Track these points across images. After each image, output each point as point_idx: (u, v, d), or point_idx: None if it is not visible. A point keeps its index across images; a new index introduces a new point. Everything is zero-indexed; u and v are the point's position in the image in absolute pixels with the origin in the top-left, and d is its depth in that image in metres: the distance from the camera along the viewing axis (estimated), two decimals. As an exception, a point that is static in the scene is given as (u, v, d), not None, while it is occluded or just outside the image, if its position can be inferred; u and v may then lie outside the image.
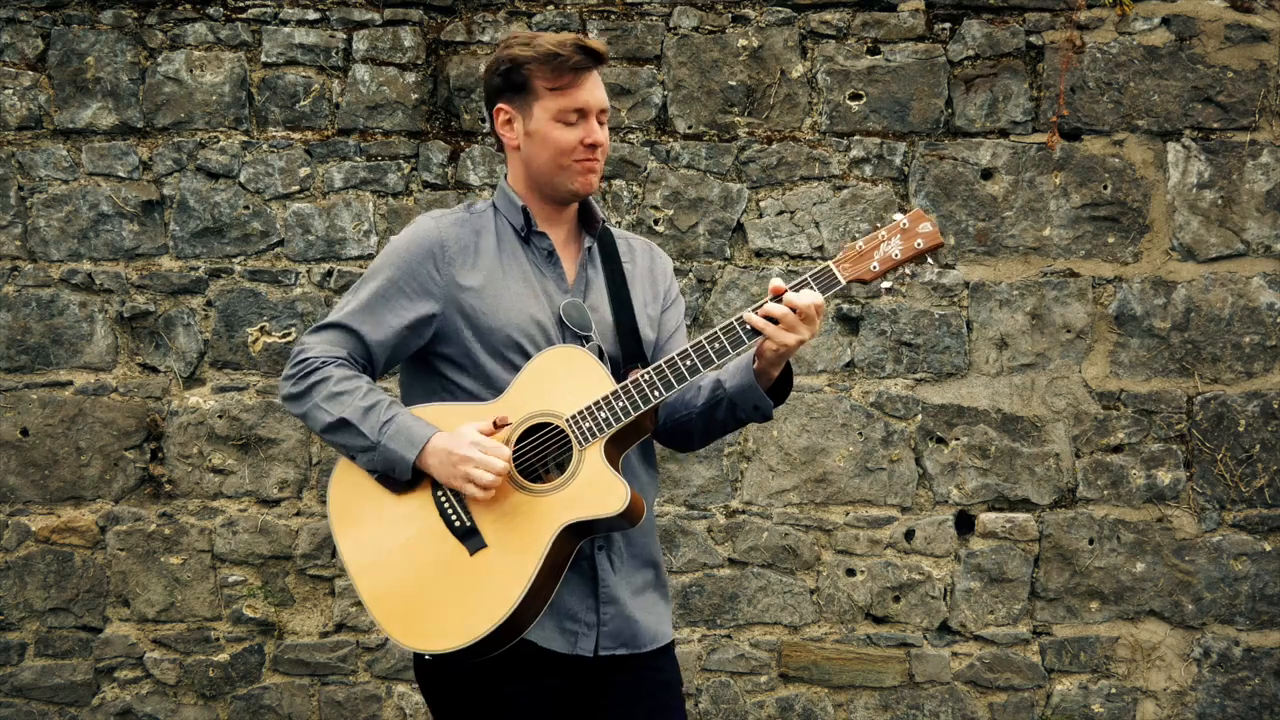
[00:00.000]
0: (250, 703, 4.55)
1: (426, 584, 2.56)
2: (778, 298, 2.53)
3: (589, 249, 2.74)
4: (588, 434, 2.55)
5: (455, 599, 2.54)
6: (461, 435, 2.53)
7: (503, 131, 2.68)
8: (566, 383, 2.57)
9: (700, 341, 2.56)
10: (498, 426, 2.55)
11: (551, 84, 2.60)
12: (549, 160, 2.63)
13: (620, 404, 2.55)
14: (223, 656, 4.55)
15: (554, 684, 2.64)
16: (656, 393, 2.55)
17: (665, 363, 2.56)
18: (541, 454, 2.58)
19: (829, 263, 2.57)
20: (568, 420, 2.56)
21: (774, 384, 2.65)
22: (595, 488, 2.54)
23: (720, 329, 2.55)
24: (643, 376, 2.56)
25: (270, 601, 4.54)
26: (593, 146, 2.63)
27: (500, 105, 2.66)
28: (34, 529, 4.52)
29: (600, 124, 2.65)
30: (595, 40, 2.64)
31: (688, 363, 2.55)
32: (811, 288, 2.54)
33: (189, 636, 4.55)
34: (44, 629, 4.54)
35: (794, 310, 2.50)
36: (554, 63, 2.59)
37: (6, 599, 4.53)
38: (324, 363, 2.61)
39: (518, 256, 2.68)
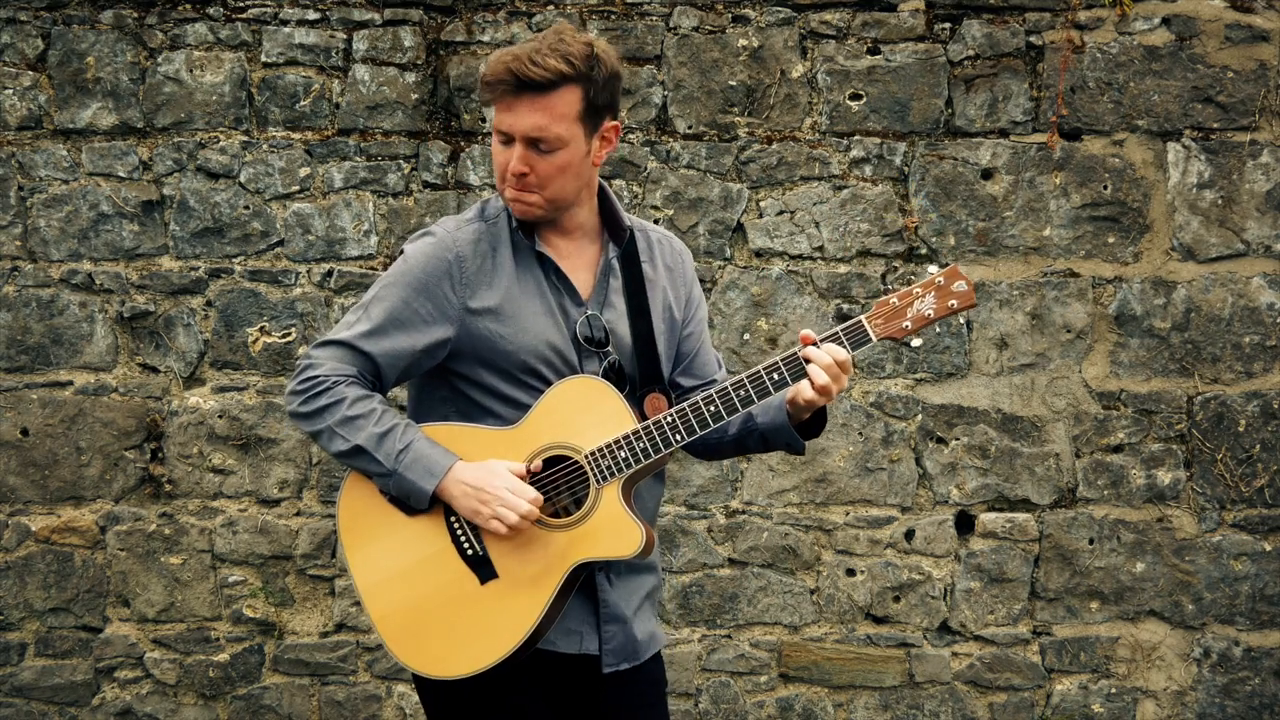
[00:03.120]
0: (250, 703, 4.55)
1: (434, 609, 2.54)
2: (804, 356, 2.51)
3: (611, 260, 2.66)
4: (606, 473, 2.53)
5: (462, 628, 2.53)
6: (494, 471, 2.50)
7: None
8: (586, 415, 2.54)
9: (726, 388, 2.53)
10: (530, 473, 2.54)
11: (487, 96, 2.53)
12: (496, 177, 2.60)
13: (640, 445, 2.53)
14: (223, 656, 4.55)
15: (552, 687, 2.64)
16: (678, 436, 2.53)
17: (689, 407, 2.53)
18: (557, 486, 2.56)
19: (861, 318, 2.53)
20: (587, 456, 2.53)
21: (806, 420, 2.64)
22: (611, 529, 2.53)
23: (747, 376, 2.53)
24: (665, 418, 2.53)
25: (270, 601, 4.54)
26: (516, 175, 2.52)
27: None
28: (34, 529, 4.52)
29: (535, 149, 2.49)
30: (532, 66, 2.46)
31: (712, 409, 2.53)
32: (843, 342, 2.52)
33: (189, 636, 4.55)
34: (44, 629, 4.54)
35: (828, 368, 2.50)
36: (483, 83, 2.53)
37: (6, 599, 4.53)
38: (335, 382, 2.55)
39: (533, 269, 2.61)
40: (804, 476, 4.55)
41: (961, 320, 4.53)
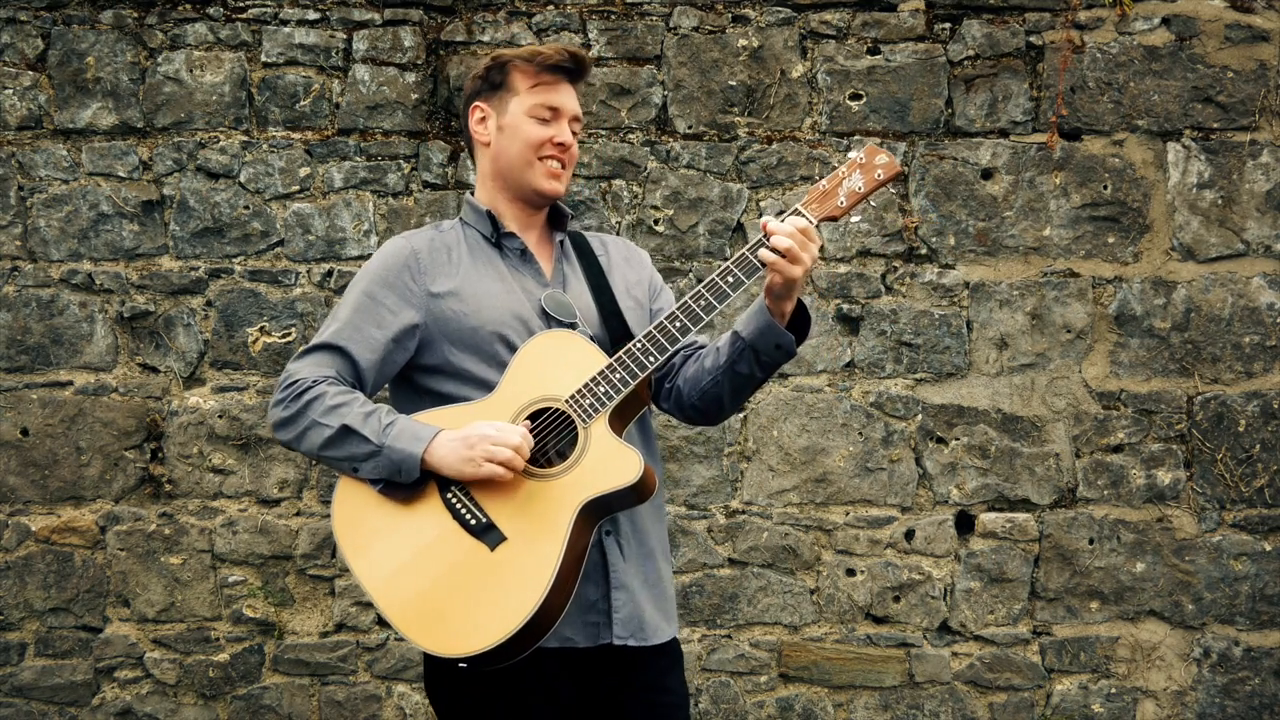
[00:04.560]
0: (250, 703, 4.55)
1: (450, 588, 2.50)
2: (757, 245, 2.55)
3: (561, 243, 2.77)
4: (590, 410, 2.54)
5: (483, 597, 2.48)
6: (473, 425, 2.52)
7: (476, 130, 2.72)
8: (560, 365, 2.56)
9: (685, 301, 2.56)
10: None
11: (531, 80, 2.67)
12: (518, 154, 2.68)
13: (618, 375, 2.54)
14: (223, 656, 4.55)
15: (566, 688, 2.62)
16: (651, 358, 2.55)
17: (655, 327, 2.56)
18: (545, 439, 2.56)
19: (797, 205, 2.58)
20: (567, 400, 2.54)
21: (792, 321, 2.63)
22: (607, 461, 2.51)
23: (703, 285, 2.56)
24: (635, 345, 2.55)
25: (270, 601, 4.54)
26: (561, 146, 2.68)
27: (477, 104, 2.73)
28: (34, 529, 4.52)
29: (572, 132, 2.70)
30: (585, 60, 2.73)
31: (677, 324, 2.55)
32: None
33: (189, 636, 4.55)
34: (44, 629, 4.54)
35: (793, 238, 2.51)
36: (536, 59, 2.67)
37: (6, 599, 4.53)
38: (315, 381, 2.59)
39: (492, 261, 2.70)
40: (804, 476, 4.55)
41: (962, 320, 4.53)
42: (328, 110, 4.51)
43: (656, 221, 4.51)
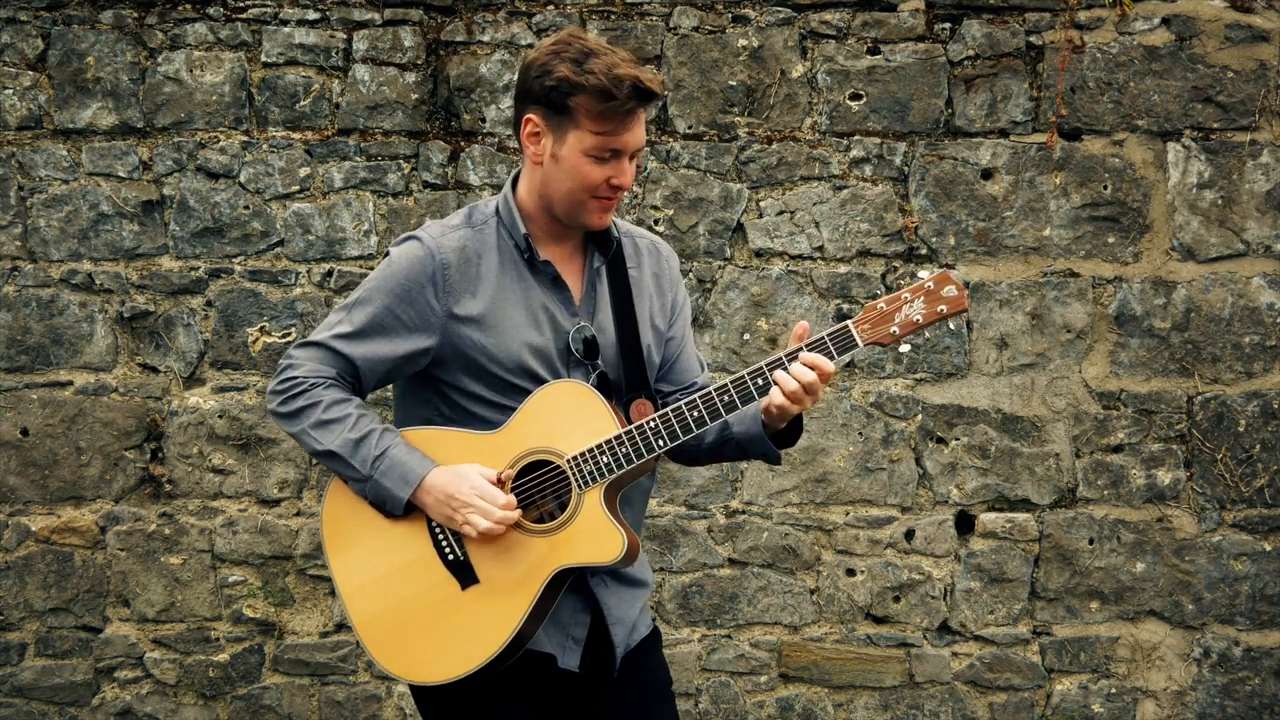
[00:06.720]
0: (250, 703, 4.55)
1: (414, 614, 2.55)
2: (793, 356, 2.48)
3: (598, 269, 2.66)
4: (588, 478, 2.52)
5: (442, 633, 2.53)
6: (465, 478, 2.50)
7: (528, 142, 2.55)
8: (569, 420, 2.53)
9: (710, 393, 2.51)
10: (501, 481, 2.53)
11: (596, 125, 2.47)
12: (569, 192, 2.53)
13: (623, 450, 2.51)
14: (223, 656, 4.55)
15: (547, 688, 2.64)
16: (661, 442, 2.52)
17: (672, 412, 2.52)
18: (540, 491, 2.55)
19: (848, 323, 2.50)
20: (569, 461, 2.52)
21: (783, 429, 2.62)
22: (592, 535, 2.51)
23: (731, 381, 2.51)
24: (648, 424, 2.52)
25: (270, 601, 4.54)
26: (617, 188, 2.53)
27: (531, 115, 2.52)
28: (34, 529, 4.52)
29: (631, 161, 2.54)
30: (652, 77, 2.49)
31: (695, 414, 2.51)
32: (828, 348, 2.49)
33: (189, 636, 4.55)
34: (44, 629, 4.54)
35: (803, 382, 2.46)
36: (606, 104, 2.45)
37: (6, 599, 4.53)
38: (312, 384, 2.55)
39: (522, 278, 2.60)
40: (804, 476, 4.55)
41: (961, 320, 4.53)
42: (328, 110, 4.51)
43: (656, 221, 4.51)
